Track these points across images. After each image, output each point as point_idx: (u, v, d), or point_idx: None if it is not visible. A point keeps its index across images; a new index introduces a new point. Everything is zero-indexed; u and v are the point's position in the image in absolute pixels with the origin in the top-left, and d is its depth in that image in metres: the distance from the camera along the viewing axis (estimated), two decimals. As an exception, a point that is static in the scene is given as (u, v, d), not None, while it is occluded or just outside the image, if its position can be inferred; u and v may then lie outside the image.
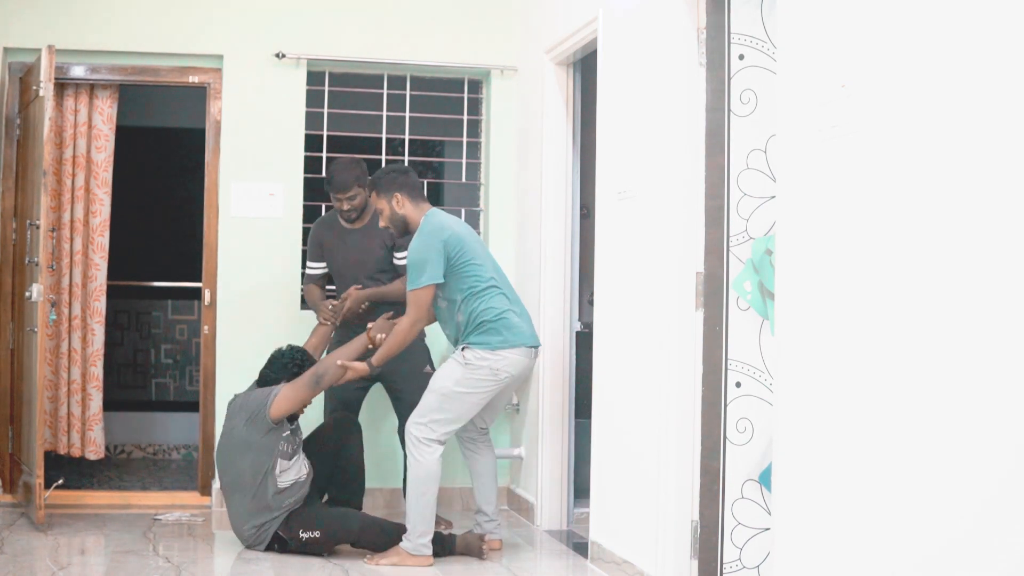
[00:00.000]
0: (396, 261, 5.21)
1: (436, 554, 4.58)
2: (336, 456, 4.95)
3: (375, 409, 5.53)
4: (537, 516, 5.37)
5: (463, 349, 4.52)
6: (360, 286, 5.15)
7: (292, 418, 4.67)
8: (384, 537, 4.62)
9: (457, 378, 4.49)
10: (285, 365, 4.74)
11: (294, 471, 4.63)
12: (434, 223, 4.55)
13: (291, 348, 4.84)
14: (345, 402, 5.22)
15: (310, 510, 4.69)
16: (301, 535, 4.61)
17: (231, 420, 4.70)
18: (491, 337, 4.49)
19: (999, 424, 2.41)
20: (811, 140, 3.12)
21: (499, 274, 4.67)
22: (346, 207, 5.14)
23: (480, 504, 4.82)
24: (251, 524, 4.65)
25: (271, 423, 4.54)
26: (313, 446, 4.88)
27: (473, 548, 4.66)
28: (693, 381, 3.99)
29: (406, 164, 4.93)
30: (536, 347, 4.63)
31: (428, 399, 4.53)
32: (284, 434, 4.61)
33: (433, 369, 5.04)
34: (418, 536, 4.49)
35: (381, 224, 4.75)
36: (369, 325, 4.78)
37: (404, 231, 4.70)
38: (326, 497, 5.01)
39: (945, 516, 2.57)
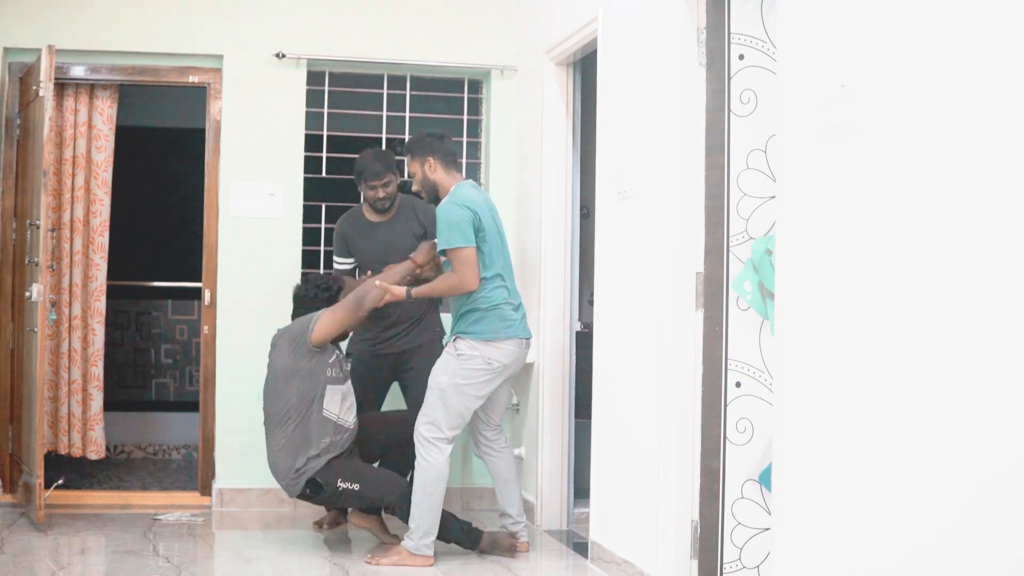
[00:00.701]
0: None
1: (458, 542, 4.66)
2: (390, 429, 4.92)
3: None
4: (537, 516, 5.37)
5: (455, 340, 4.55)
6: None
7: (336, 342, 4.72)
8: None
9: (452, 370, 4.51)
10: (316, 293, 4.79)
11: (341, 403, 4.63)
12: (464, 195, 4.56)
13: (315, 275, 4.92)
14: (366, 404, 5.13)
15: (356, 463, 4.67)
16: (339, 484, 4.57)
17: (275, 350, 4.70)
18: (483, 327, 4.52)
19: (998, 424, 2.41)
20: (811, 140, 3.12)
21: (507, 266, 4.69)
22: (381, 195, 5.10)
23: (505, 507, 4.81)
24: (291, 466, 4.58)
25: (314, 348, 4.57)
26: (369, 429, 4.85)
27: (502, 546, 4.70)
28: (693, 381, 3.99)
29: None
30: (528, 339, 4.67)
31: (430, 397, 4.55)
32: (330, 360, 4.64)
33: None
34: (421, 536, 4.49)
35: (414, 188, 4.78)
36: (411, 256, 4.81)
37: (434, 197, 4.70)
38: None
39: (944, 516, 2.57)
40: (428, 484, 4.47)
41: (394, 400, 5.42)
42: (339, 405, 4.64)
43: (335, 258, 5.35)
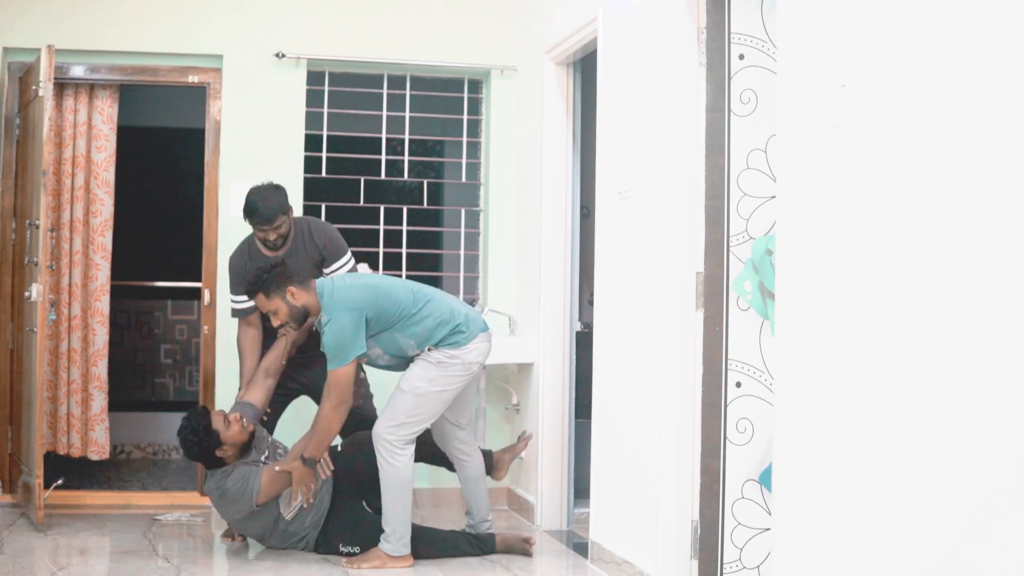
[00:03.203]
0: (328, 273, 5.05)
1: (477, 553, 4.69)
2: (367, 464, 4.62)
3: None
4: (537, 516, 5.37)
5: (428, 350, 4.47)
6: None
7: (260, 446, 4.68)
8: (430, 548, 4.64)
9: (432, 377, 4.46)
10: (197, 448, 4.63)
11: (284, 497, 4.59)
12: (335, 299, 4.36)
13: (188, 425, 4.65)
14: (360, 420, 4.91)
15: (348, 520, 4.64)
16: (341, 549, 4.62)
17: (224, 509, 4.66)
18: (456, 337, 4.48)
19: (998, 424, 2.41)
20: (811, 140, 3.12)
21: (416, 287, 4.58)
22: (272, 236, 4.82)
23: (472, 508, 4.83)
24: (293, 546, 4.70)
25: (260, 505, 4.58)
26: (339, 459, 4.67)
27: (516, 547, 4.74)
28: (693, 381, 3.98)
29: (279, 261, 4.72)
30: (486, 330, 4.59)
31: (401, 402, 4.45)
32: (266, 461, 4.60)
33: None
34: (397, 538, 4.49)
35: (276, 324, 4.51)
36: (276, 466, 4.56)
37: (304, 320, 4.51)
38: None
39: (945, 516, 2.57)
40: (397, 488, 4.45)
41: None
42: (284, 501, 4.59)
43: (232, 296, 5.01)
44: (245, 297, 4.86)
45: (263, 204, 4.79)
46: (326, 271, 4.95)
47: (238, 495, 4.53)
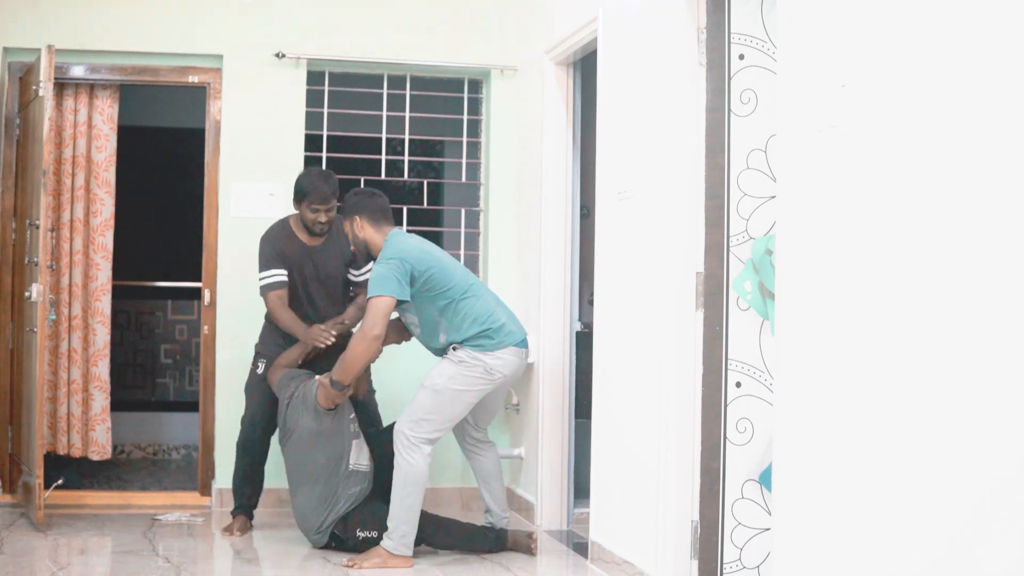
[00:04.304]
0: (351, 277, 5.17)
1: (488, 550, 4.71)
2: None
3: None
4: (537, 516, 5.37)
5: (452, 348, 4.53)
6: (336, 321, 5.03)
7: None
8: (447, 537, 4.68)
9: (451, 374, 4.50)
10: None
11: (360, 453, 4.68)
12: (395, 247, 4.51)
13: None
14: (369, 416, 5.08)
15: (370, 509, 4.67)
16: (358, 534, 4.62)
17: (294, 418, 4.67)
18: (484, 341, 4.52)
19: (999, 424, 2.41)
20: (811, 140, 3.12)
21: (472, 279, 4.66)
22: (323, 219, 4.93)
23: (491, 505, 4.85)
24: (319, 524, 4.66)
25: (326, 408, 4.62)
26: (385, 458, 4.73)
27: (521, 544, 4.76)
28: (693, 381, 3.98)
29: (373, 187, 4.84)
30: (523, 346, 4.63)
31: (421, 398, 4.52)
32: (351, 415, 4.69)
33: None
34: (400, 536, 4.49)
35: (352, 249, 4.76)
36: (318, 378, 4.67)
37: (366, 255, 4.72)
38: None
39: (945, 516, 2.57)
40: (409, 485, 4.46)
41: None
42: (360, 455, 4.70)
43: (270, 270, 4.98)
44: (284, 272, 4.96)
45: (325, 182, 4.92)
46: (355, 273, 5.13)
47: (307, 396, 4.62)
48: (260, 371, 5.09)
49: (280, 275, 4.98)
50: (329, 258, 5.06)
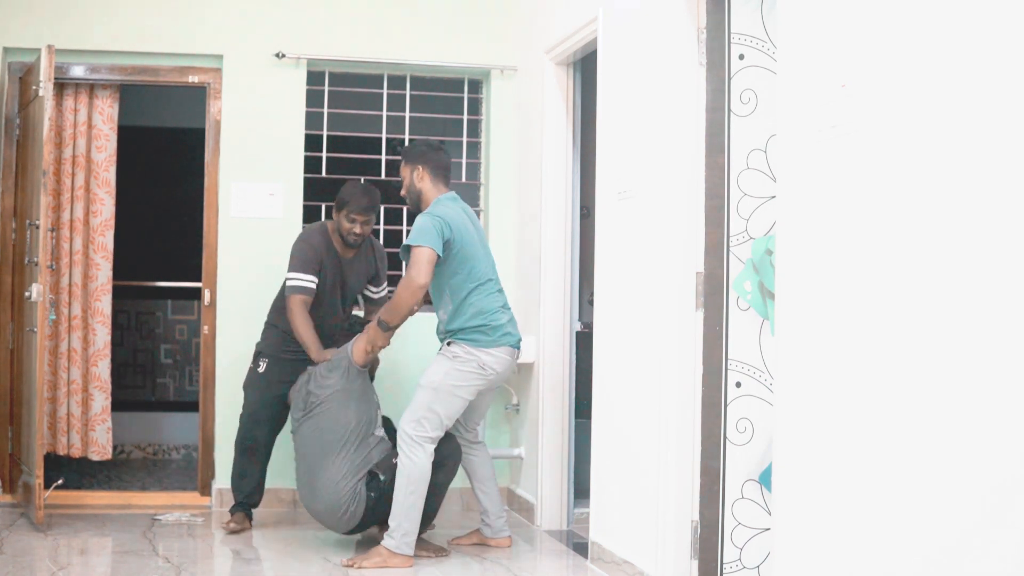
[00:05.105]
0: (369, 293, 5.27)
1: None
2: (439, 472, 4.67)
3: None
4: (537, 516, 5.37)
5: (448, 344, 4.58)
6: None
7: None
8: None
9: (446, 370, 4.54)
10: None
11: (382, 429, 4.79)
12: (441, 208, 4.59)
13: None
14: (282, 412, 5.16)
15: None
16: (394, 461, 4.62)
17: (319, 384, 4.70)
18: (479, 336, 4.55)
19: (999, 423, 2.41)
20: (811, 140, 3.12)
21: (493, 275, 4.71)
22: (359, 231, 5.00)
23: (487, 506, 4.87)
24: (355, 484, 4.58)
25: (362, 368, 4.70)
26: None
27: (429, 548, 4.72)
28: (693, 381, 3.99)
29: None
30: (517, 347, 4.69)
31: (420, 396, 4.56)
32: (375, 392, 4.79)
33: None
34: (402, 535, 4.48)
35: (402, 193, 4.76)
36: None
37: (416, 205, 4.73)
38: None
39: (945, 516, 2.57)
40: (412, 483, 4.48)
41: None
42: (381, 427, 4.80)
43: (306, 273, 4.99)
44: (313, 277, 4.98)
45: (367, 196, 5.00)
46: (373, 289, 5.26)
47: (345, 358, 4.70)
48: (261, 370, 5.10)
49: (312, 281, 5.01)
50: (356, 273, 5.16)
